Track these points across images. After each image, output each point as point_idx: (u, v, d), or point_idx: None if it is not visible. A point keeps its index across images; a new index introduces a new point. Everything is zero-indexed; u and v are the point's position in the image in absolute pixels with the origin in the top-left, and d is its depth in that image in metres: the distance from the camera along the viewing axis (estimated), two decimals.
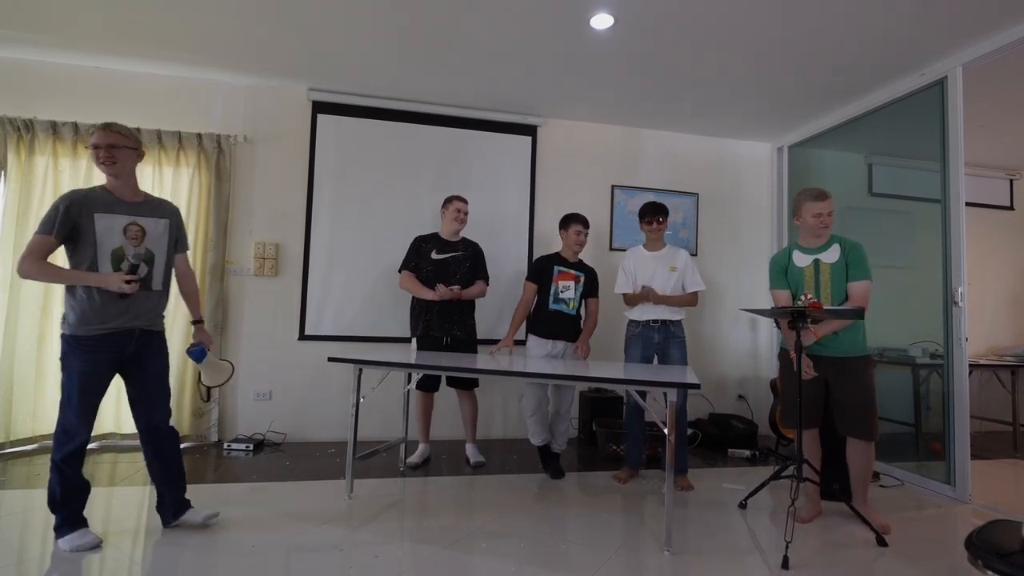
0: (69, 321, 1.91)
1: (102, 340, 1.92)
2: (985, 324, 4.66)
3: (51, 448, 1.93)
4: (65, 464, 1.91)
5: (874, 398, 2.38)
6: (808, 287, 2.46)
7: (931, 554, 2.15)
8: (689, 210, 4.30)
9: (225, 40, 3.08)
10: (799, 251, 2.52)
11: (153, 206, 2.05)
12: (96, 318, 1.90)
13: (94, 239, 1.89)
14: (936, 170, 3.02)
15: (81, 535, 1.94)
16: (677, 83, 3.43)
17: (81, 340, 1.89)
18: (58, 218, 1.85)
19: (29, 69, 3.35)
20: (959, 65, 2.91)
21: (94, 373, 1.92)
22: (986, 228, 4.74)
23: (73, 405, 1.90)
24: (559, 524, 2.35)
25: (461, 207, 3.18)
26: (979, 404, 4.37)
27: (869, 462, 2.40)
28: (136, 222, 1.96)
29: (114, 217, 1.93)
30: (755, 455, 3.54)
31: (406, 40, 3.00)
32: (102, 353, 1.92)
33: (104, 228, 1.91)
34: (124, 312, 1.94)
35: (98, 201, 1.92)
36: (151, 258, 2.01)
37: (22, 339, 3.15)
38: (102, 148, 1.91)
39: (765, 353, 4.38)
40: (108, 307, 1.91)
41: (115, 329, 1.93)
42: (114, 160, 1.92)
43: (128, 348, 1.98)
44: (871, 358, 2.43)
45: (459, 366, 2.48)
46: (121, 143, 1.94)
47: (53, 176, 3.26)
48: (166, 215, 2.08)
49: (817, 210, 2.45)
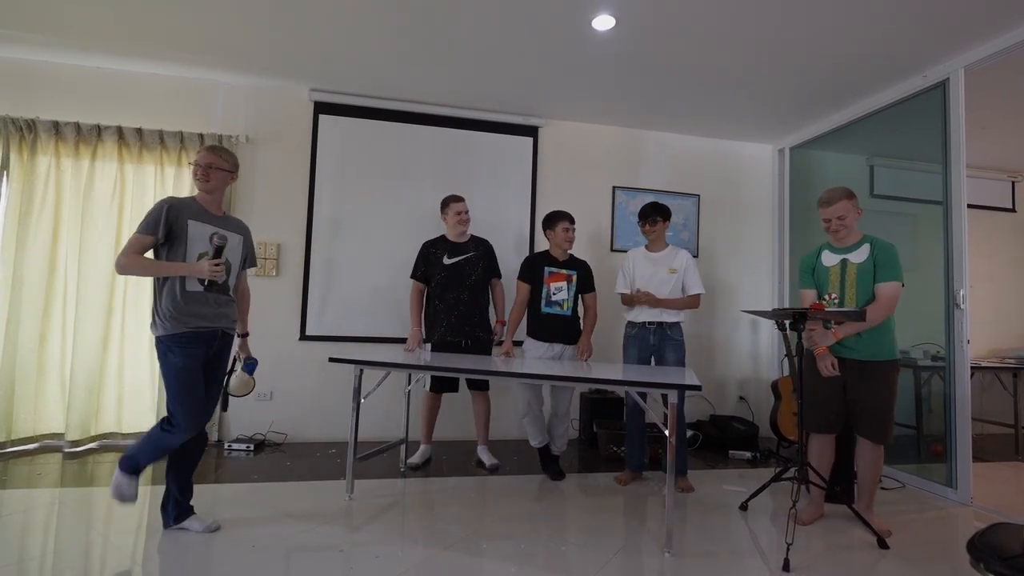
0: (160, 324, 2.01)
1: (194, 337, 2.03)
2: (987, 326, 4.65)
3: (156, 426, 2.03)
4: (168, 445, 2.01)
5: (892, 403, 2.32)
6: (833, 287, 2.41)
7: (932, 557, 2.14)
8: (690, 211, 4.30)
9: (227, 40, 3.08)
10: (828, 250, 2.48)
11: (232, 222, 2.23)
12: (187, 316, 2.01)
13: (185, 243, 2.03)
14: (938, 172, 3.02)
15: (131, 481, 2.02)
16: (678, 84, 3.43)
17: (178, 338, 2.00)
18: (161, 219, 1.99)
19: (32, 69, 3.36)
20: (961, 67, 2.91)
21: (193, 368, 2.02)
22: (988, 230, 4.74)
23: (180, 401, 1.98)
24: (559, 525, 2.34)
25: (461, 208, 3.16)
26: (981, 406, 4.36)
27: (877, 466, 2.36)
28: (219, 232, 2.12)
29: (204, 225, 2.09)
30: (756, 457, 3.54)
31: (408, 41, 3.01)
32: (198, 348, 2.04)
33: (195, 234, 2.06)
34: (207, 313, 2.07)
35: (191, 209, 2.08)
36: (228, 268, 2.15)
37: (24, 339, 3.16)
38: (201, 167, 2.10)
39: (766, 355, 4.37)
40: (195, 306, 2.04)
41: (204, 327, 2.06)
42: (208, 179, 2.11)
43: (213, 347, 2.10)
44: (897, 363, 2.35)
45: (460, 367, 2.48)
46: (218, 164, 2.13)
47: (55, 176, 3.27)
48: (242, 232, 2.25)
49: (824, 216, 2.43)
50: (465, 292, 3.11)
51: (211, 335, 2.08)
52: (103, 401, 3.29)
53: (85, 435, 3.21)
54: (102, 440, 3.30)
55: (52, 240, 3.24)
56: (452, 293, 3.10)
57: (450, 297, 3.09)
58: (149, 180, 3.41)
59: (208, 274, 2.01)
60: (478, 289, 3.14)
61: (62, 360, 3.26)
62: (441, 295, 3.11)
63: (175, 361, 1.99)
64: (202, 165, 2.10)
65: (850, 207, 2.37)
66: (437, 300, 3.13)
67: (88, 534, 2.08)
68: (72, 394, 3.17)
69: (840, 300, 2.39)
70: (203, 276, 2.03)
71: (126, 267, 1.97)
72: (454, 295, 3.09)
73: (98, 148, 3.32)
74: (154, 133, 3.39)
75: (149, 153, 3.41)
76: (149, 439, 2.01)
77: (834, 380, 2.39)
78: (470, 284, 3.12)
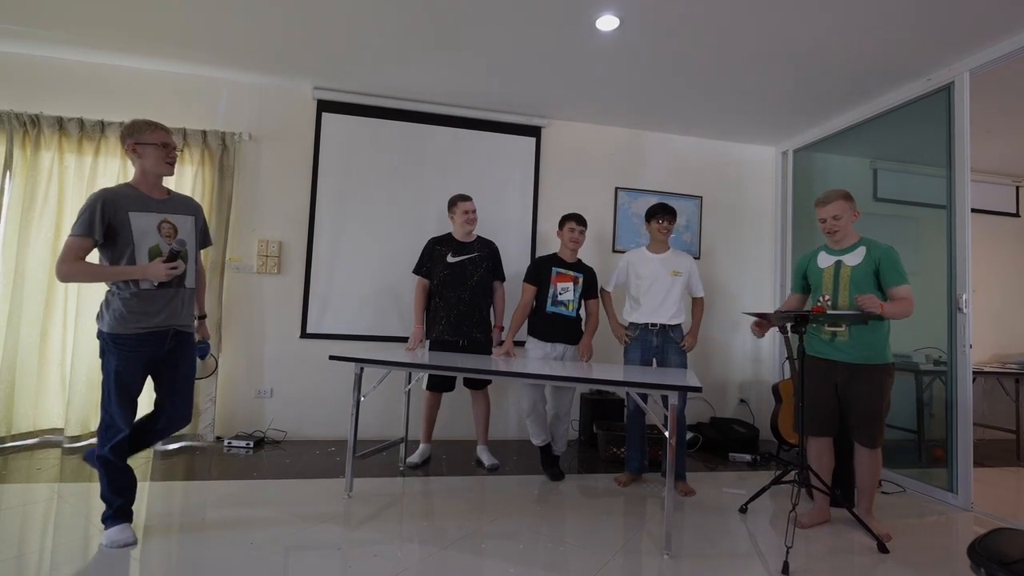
0: (106, 319, 1.90)
1: (140, 339, 1.92)
2: (989, 331, 4.64)
3: (95, 444, 1.96)
4: (111, 454, 1.93)
5: (882, 407, 2.31)
6: (827, 288, 2.41)
7: (933, 562, 2.14)
8: (693, 213, 4.30)
9: (231, 38, 3.08)
10: (825, 252, 2.49)
11: (179, 203, 2.05)
12: (135, 318, 1.90)
13: (132, 239, 1.89)
14: (942, 176, 3.01)
15: (120, 530, 1.94)
16: (682, 86, 3.43)
17: (119, 339, 1.89)
18: (95, 218, 1.84)
19: (36, 64, 3.36)
20: (966, 71, 2.90)
21: (131, 372, 1.92)
22: (991, 235, 4.72)
23: (113, 402, 1.92)
24: (558, 526, 2.34)
25: (468, 207, 3.16)
26: (982, 411, 4.35)
27: (874, 470, 2.36)
28: (168, 219, 1.96)
29: (148, 215, 1.92)
30: (756, 460, 3.53)
31: (411, 40, 3.01)
32: (139, 352, 1.93)
33: (140, 226, 1.90)
34: (161, 311, 1.95)
35: (129, 199, 1.91)
36: (185, 256, 2.00)
37: (25, 333, 3.16)
38: (174, 148, 1.97)
39: (767, 357, 4.36)
40: (147, 306, 1.92)
41: (153, 329, 1.94)
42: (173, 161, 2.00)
43: (163, 347, 1.99)
44: (890, 367, 2.33)
45: (460, 367, 2.47)
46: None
47: (59, 172, 3.27)
48: (192, 211, 2.08)
49: (820, 216, 2.45)
50: (466, 292, 3.10)
51: (161, 335, 1.96)
52: None
53: (85, 431, 3.21)
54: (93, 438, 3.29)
55: (55, 236, 3.25)
56: (453, 292, 3.09)
57: (450, 296, 3.09)
58: None
59: (164, 277, 1.90)
60: (479, 290, 3.14)
61: (63, 355, 3.26)
62: (442, 293, 3.11)
63: (112, 362, 1.89)
64: (173, 147, 1.97)
65: (846, 208, 2.38)
66: (437, 298, 3.13)
67: (87, 529, 2.08)
68: (72, 389, 3.17)
69: (833, 302, 2.38)
70: (159, 279, 1.90)
71: (67, 275, 1.83)
72: (454, 294, 3.09)
73: (101, 144, 3.32)
74: None
75: None
76: (98, 465, 1.94)
77: (827, 382, 2.39)
78: (472, 284, 3.11)
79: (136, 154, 1.94)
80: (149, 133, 1.93)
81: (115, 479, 1.95)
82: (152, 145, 1.93)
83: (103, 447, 1.92)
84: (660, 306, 2.96)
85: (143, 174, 1.96)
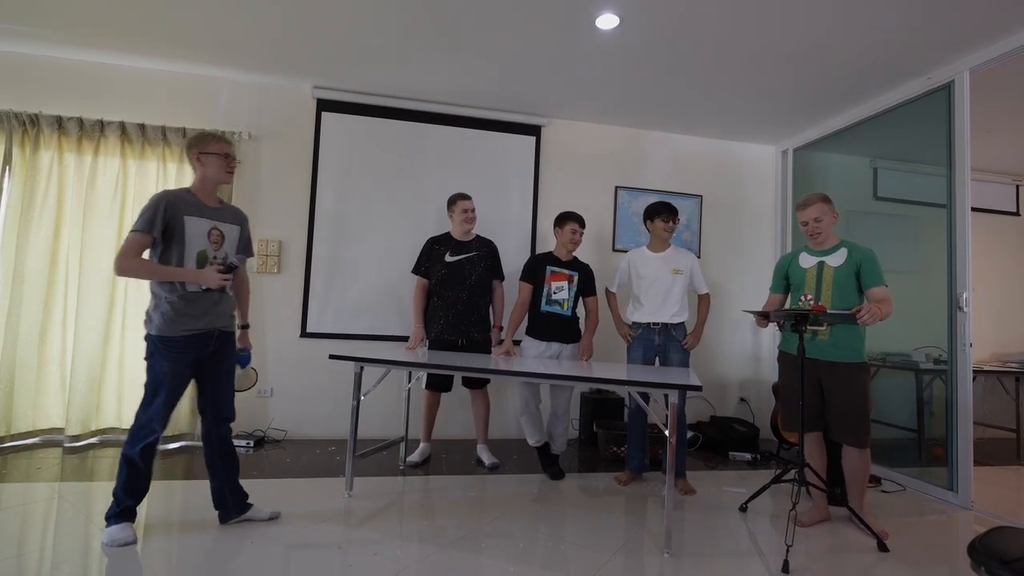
0: (155, 322, 1.96)
1: (188, 341, 1.98)
2: (989, 330, 4.64)
3: (124, 440, 1.99)
4: (139, 457, 1.96)
5: (865, 406, 2.35)
6: (809, 288, 2.46)
7: (932, 560, 2.14)
8: (693, 212, 4.29)
9: (230, 37, 3.08)
10: (807, 253, 2.54)
11: (229, 213, 2.15)
12: (183, 320, 1.97)
13: (183, 241, 1.97)
14: (942, 175, 3.01)
15: (122, 528, 1.95)
16: (682, 85, 3.43)
17: (168, 341, 1.95)
18: (158, 217, 1.92)
19: (35, 64, 3.36)
20: (966, 69, 2.89)
21: (178, 373, 1.98)
22: (991, 233, 4.72)
23: (156, 403, 1.95)
24: (558, 525, 2.34)
25: (467, 206, 3.16)
26: (982, 410, 4.35)
27: (863, 468, 2.38)
28: (217, 227, 2.06)
29: (201, 220, 2.02)
30: (756, 459, 3.53)
31: (411, 39, 3.00)
32: (187, 354, 1.99)
33: (192, 231, 1.99)
34: (207, 313, 2.02)
35: (187, 203, 2.01)
36: (237, 269, 2.13)
37: (24, 333, 3.16)
38: (234, 159, 2.10)
39: (767, 356, 4.36)
40: (194, 308, 1.99)
41: (200, 331, 2.01)
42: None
43: (208, 349, 2.05)
44: (866, 365, 2.39)
45: (460, 366, 2.47)
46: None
47: (58, 171, 3.27)
48: (238, 222, 2.19)
49: (801, 219, 2.50)
50: (464, 291, 3.10)
51: (207, 336, 2.04)
52: (103, 396, 3.29)
53: (85, 430, 3.21)
54: (102, 435, 3.30)
55: (54, 235, 3.25)
56: (451, 291, 3.09)
57: (449, 295, 3.09)
58: (151, 176, 3.41)
59: (216, 285, 1.99)
60: (478, 289, 3.14)
61: (62, 355, 3.26)
62: (440, 292, 3.11)
63: (162, 364, 1.95)
64: (234, 157, 2.10)
65: (826, 210, 2.45)
66: (436, 297, 3.13)
67: (87, 528, 2.08)
68: (72, 388, 3.17)
69: (815, 301, 2.43)
70: (212, 285, 1.99)
71: (126, 270, 1.90)
72: (453, 293, 3.09)
73: (101, 143, 3.32)
74: (157, 129, 3.39)
75: (152, 149, 3.41)
76: (122, 461, 1.97)
77: (811, 380, 2.42)
78: (470, 283, 3.11)
79: (200, 163, 2.06)
80: (213, 144, 2.06)
81: (133, 479, 1.98)
82: (215, 155, 2.06)
83: (134, 447, 1.96)
84: (661, 305, 2.96)
85: (203, 181, 2.07)
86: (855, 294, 2.38)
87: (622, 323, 3.10)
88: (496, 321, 3.27)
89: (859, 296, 2.39)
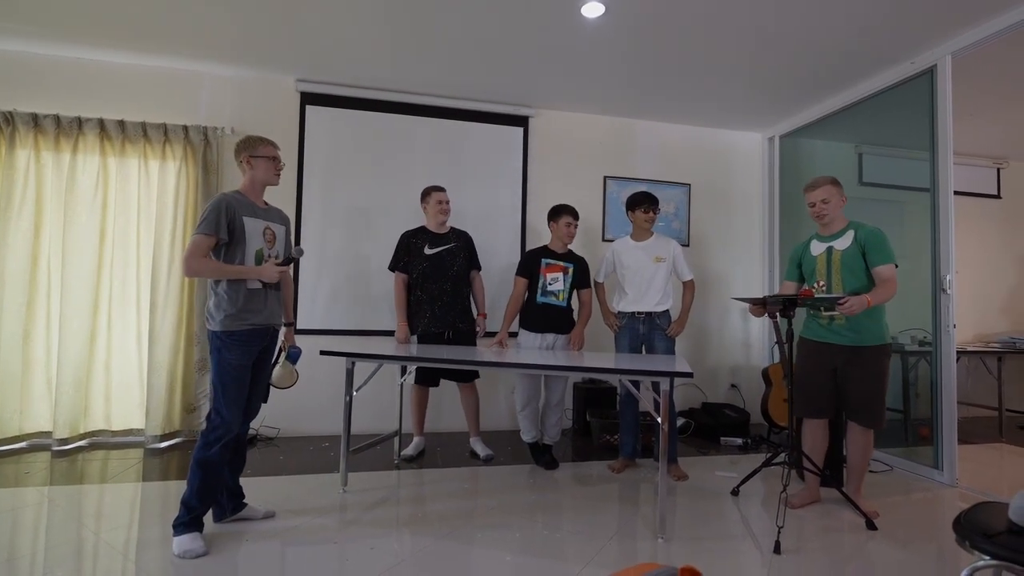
0: (218, 318, 2.01)
1: (251, 335, 2.05)
2: (972, 311, 4.72)
3: (197, 443, 2.00)
4: (217, 455, 1.98)
5: (883, 388, 2.35)
6: (820, 275, 2.45)
7: (920, 537, 2.19)
8: (681, 201, 4.31)
9: (211, 30, 3.02)
10: (816, 239, 2.53)
11: (275, 214, 2.24)
12: (245, 315, 2.04)
13: (244, 239, 2.05)
14: (925, 159, 3.04)
15: (193, 539, 1.92)
16: (669, 73, 3.42)
17: (233, 335, 2.01)
18: (221, 219, 1.99)
19: (9, 60, 3.27)
20: (948, 54, 2.92)
21: (244, 366, 2.04)
22: (973, 216, 4.79)
23: (228, 397, 2.00)
24: (554, 514, 2.36)
25: (442, 198, 3.15)
26: (966, 390, 4.45)
27: (867, 451, 2.40)
28: (270, 227, 2.16)
29: (256, 221, 2.11)
30: (747, 443, 3.58)
31: (396, 30, 2.96)
32: (251, 346, 2.06)
33: (250, 230, 2.07)
34: (264, 308, 2.10)
35: (242, 205, 2.08)
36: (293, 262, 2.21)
37: (7, 336, 3.10)
38: (280, 161, 2.18)
39: (757, 343, 4.41)
40: (252, 304, 2.06)
41: (259, 325, 2.08)
42: None
43: (265, 342, 2.13)
44: (888, 347, 2.37)
45: (453, 358, 2.47)
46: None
47: (35, 170, 3.20)
48: (284, 223, 2.27)
49: (808, 200, 2.49)
50: (448, 283, 3.10)
51: (265, 331, 2.11)
52: (91, 398, 3.25)
53: (74, 433, 3.17)
54: (91, 438, 3.26)
55: (34, 235, 3.18)
56: (435, 284, 3.09)
57: (433, 288, 3.08)
58: (133, 173, 3.35)
59: (276, 278, 2.06)
60: (460, 280, 3.14)
61: (47, 357, 3.21)
62: (423, 285, 3.10)
63: (229, 358, 2.00)
64: (281, 159, 2.18)
65: (834, 191, 2.42)
66: (419, 291, 3.11)
67: (79, 532, 2.06)
68: (59, 391, 3.13)
69: (828, 287, 2.42)
70: (271, 279, 2.06)
71: (196, 271, 1.97)
72: (437, 286, 3.08)
73: (79, 141, 3.25)
74: (137, 125, 3.32)
75: (132, 146, 3.34)
76: (195, 465, 1.98)
77: (824, 366, 2.41)
78: (452, 275, 3.11)
79: (249, 166, 2.14)
80: (262, 148, 2.14)
81: (208, 483, 1.98)
82: (264, 158, 2.14)
83: (210, 448, 1.98)
84: (644, 294, 2.98)
85: (252, 183, 2.15)
86: (865, 275, 2.34)
87: (609, 313, 3.12)
88: (480, 309, 3.27)
89: (870, 277, 2.34)
